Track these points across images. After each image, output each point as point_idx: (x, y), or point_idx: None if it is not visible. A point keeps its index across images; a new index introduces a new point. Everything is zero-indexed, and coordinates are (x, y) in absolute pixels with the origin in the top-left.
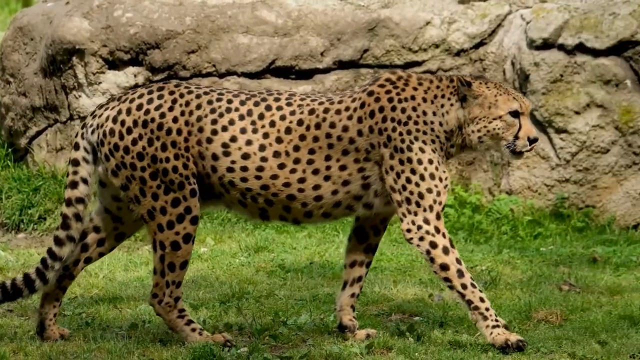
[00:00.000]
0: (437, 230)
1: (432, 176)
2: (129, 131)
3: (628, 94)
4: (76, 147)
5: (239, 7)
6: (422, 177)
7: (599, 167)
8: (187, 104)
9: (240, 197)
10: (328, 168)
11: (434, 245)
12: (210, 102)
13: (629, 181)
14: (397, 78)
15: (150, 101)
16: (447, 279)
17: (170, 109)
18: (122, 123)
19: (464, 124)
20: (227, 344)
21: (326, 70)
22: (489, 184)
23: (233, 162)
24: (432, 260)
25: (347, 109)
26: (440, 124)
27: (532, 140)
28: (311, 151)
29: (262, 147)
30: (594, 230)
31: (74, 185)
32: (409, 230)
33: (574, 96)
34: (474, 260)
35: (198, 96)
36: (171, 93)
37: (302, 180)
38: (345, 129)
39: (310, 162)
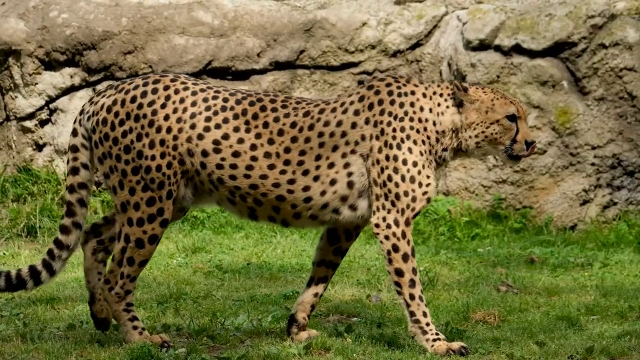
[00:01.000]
0: (404, 235)
1: (413, 179)
2: (121, 123)
3: (565, 95)
4: (74, 133)
5: (175, 8)
6: (402, 178)
7: (536, 168)
8: (182, 100)
9: (229, 195)
10: (317, 168)
11: (395, 248)
12: (205, 100)
13: (566, 182)
14: (399, 77)
15: (144, 95)
16: (398, 284)
17: (163, 105)
18: (116, 114)
19: (461, 129)
20: (165, 344)
21: (263, 71)
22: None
23: (223, 159)
24: (390, 261)
25: (342, 104)
26: (434, 123)
27: (530, 144)
28: (302, 152)
29: (253, 147)
30: (531, 231)
31: (74, 171)
32: (377, 225)
33: None
34: None
35: (194, 93)
36: (166, 88)
37: (292, 182)
38: (339, 123)
39: (300, 163)
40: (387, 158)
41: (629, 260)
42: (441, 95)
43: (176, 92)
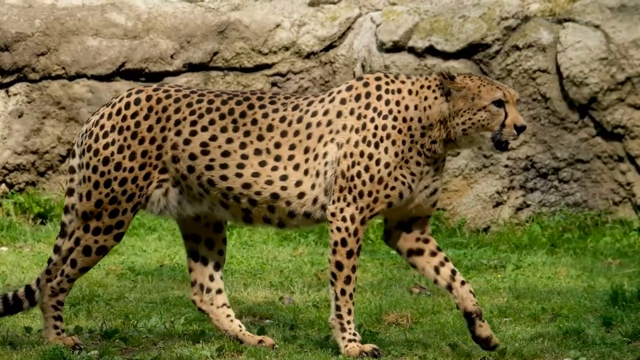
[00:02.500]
0: (355, 232)
1: (380, 180)
2: (105, 135)
3: None
4: (72, 154)
5: (89, 10)
6: (371, 178)
7: (450, 170)
8: (165, 109)
9: (222, 198)
10: (307, 161)
11: (344, 242)
12: (189, 105)
13: (479, 184)
14: (389, 73)
15: (127, 106)
16: (334, 276)
17: (146, 117)
18: (101, 127)
19: (449, 117)
20: (77, 347)
21: (176, 73)
22: None
23: (212, 159)
24: (334, 252)
25: (331, 94)
26: (420, 119)
27: (519, 128)
28: (292, 147)
29: (242, 145)
30: (444, 233)
31: (70, 192)
32: (333, 214)
33: None
34: (324, 263)
35: (177, 100)
36: (148, 99)
37: (284, 178)
38: (326, 112)
39: (290, 158)
40: (362, 154)
41: (542, 262)
42: (429, 87)
43: (158, 101)
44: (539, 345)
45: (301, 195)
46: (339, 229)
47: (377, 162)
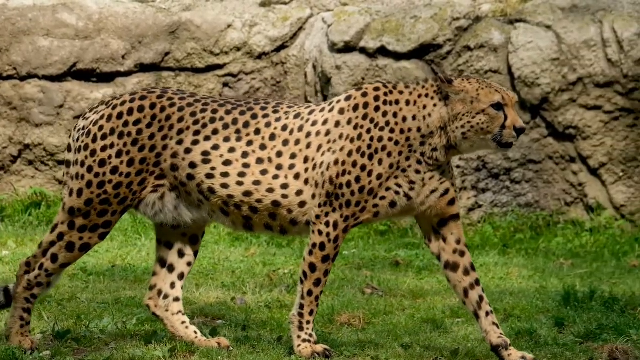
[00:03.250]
0: (336, 239)
1: (371, 192)
2: (104, 137)
3: None
4: (68, 148)
5: (40, 10)
6: (360, 190)
7: None
8: (168, 118)
9: (223, 205)
10: (306, 170)
11: (322, 247)
12: (193, 114)
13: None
14: (388, 82)
15: (130, 112)
16: (305, 275)
17: (149, 125)
18: (100, 128)
19: (449, 122)
20: (31, 347)
21: (128, 74)
22: None
23: (213, 168)
24: (310, 253)
25: (330, 103)
26: (419, 129)
27: (519, 130)
28: (293, 155)
29: (245, 154)
30: (396, 233)
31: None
32: (318, 217)
33: None
34: (276, 264)
35: (181, 109)
36: (152, 107)
37: (285, 186)
38: (325, 121)
39: (292, 167)
40: (354, 164)
41: (494, 263)
42: (427, 95)
43: (162, 109)
44: None
45: (302, 204)
46: (320, 232)
47: (370, 174)
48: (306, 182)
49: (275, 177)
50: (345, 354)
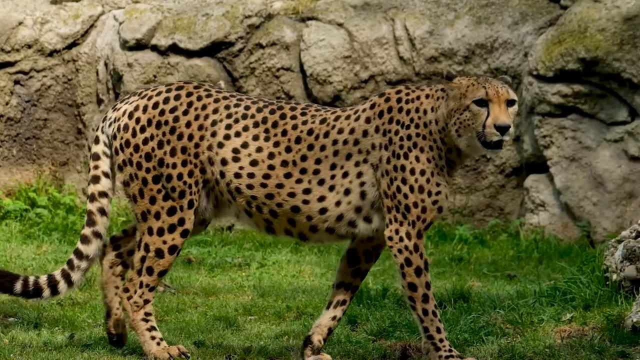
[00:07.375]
0: (416, 248)
1: (421, 189)
2: (142, 129)
3: None
4: (96, 140)
5: None
6: (411, 189)
7: None
8: (204, 107)
9: (246, 206)
10: (333, 177)
11: (408, 262)
12: (227, 107)
13: None
14: (410, 84)
15: (166, 101)
16: (411, 299)
17: (185, 112)
18: (137, 120)
19: (447, 118)
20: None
21: None
22: (83, 185)
23: (241, 167)
24: (403, 275)
25: (356, 111)
26: (436, 122)
27: (500, 128)
28: (318, 161)
29: (271, 155)
30: None
31: (95, 179)
32: (390, 238)
33: None
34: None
35: (216, 100)
36: (188, 95)
37: (307, 191)
38: (352, 131)
39: (316, 172)
40: (395, 168)
41: (287, 261)
42: (434, 96)
43: (199, 98)
44: (284, 343)
45: (323, 210)
46: (400, 251)
47: (412, 172)
48: (331, 189)
49: (299, 181)
50: (138, 351)
